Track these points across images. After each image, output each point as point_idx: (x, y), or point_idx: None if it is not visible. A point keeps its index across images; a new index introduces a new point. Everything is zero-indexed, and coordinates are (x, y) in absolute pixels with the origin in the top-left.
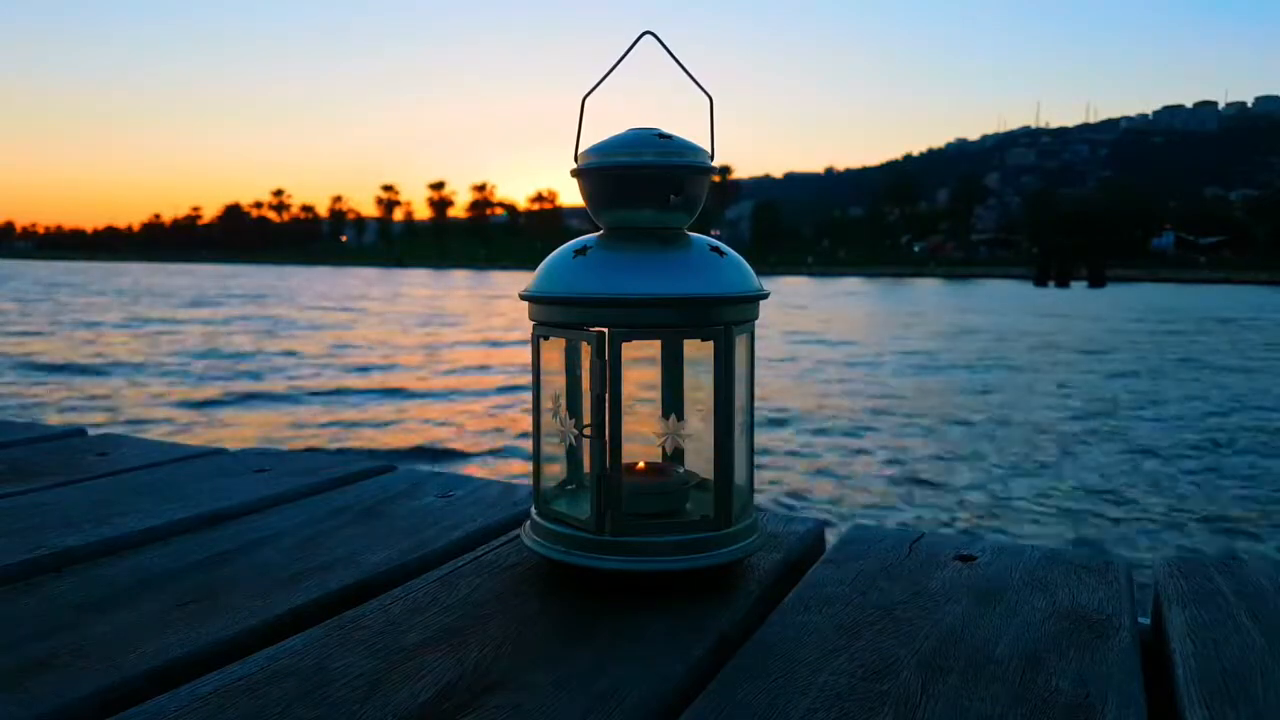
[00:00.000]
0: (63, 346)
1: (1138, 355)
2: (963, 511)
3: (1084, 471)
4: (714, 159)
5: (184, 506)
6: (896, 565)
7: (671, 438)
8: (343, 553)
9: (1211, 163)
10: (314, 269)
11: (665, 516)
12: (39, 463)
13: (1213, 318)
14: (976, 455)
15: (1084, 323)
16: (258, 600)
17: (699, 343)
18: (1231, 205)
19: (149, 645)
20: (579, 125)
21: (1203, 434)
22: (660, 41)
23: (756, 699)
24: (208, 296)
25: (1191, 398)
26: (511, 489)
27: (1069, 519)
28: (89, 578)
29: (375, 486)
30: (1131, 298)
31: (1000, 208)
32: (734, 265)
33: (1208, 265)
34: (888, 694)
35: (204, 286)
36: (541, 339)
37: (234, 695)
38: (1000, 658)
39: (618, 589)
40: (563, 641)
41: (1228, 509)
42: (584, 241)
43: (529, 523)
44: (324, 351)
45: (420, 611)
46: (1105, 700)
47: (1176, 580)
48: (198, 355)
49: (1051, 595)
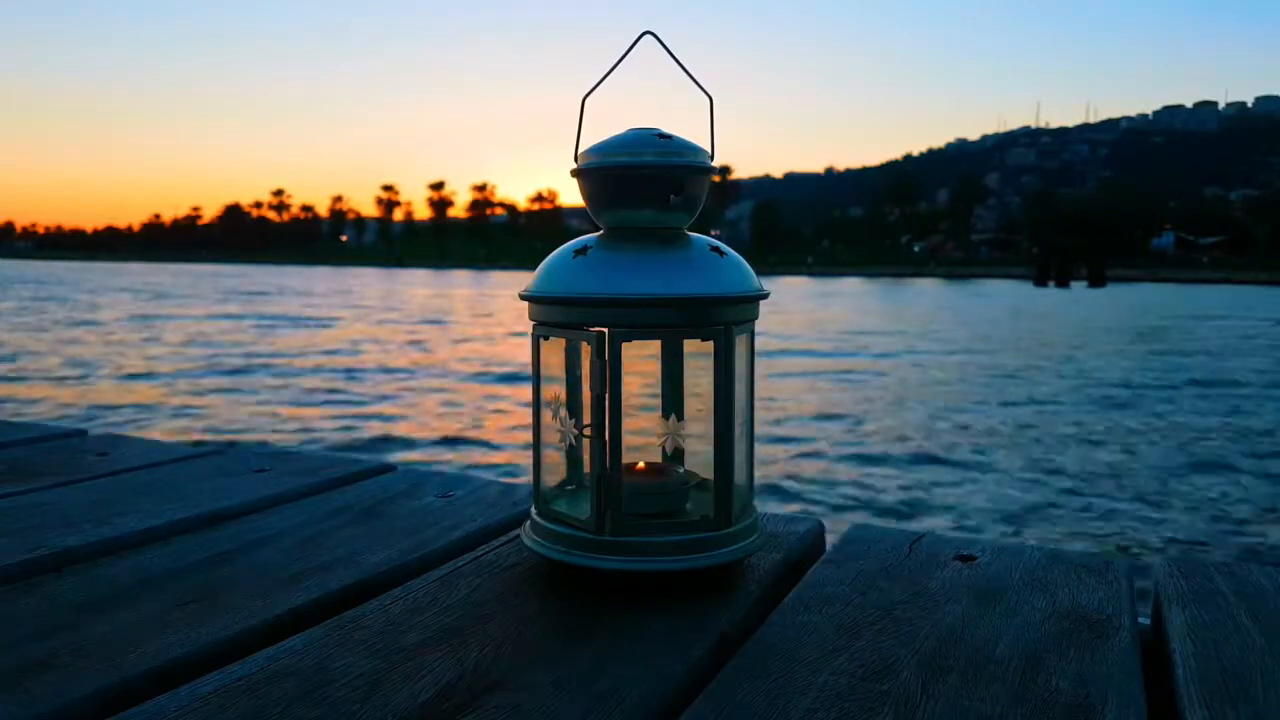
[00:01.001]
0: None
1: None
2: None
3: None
4: (714, 159)
5: (184, 506)
6: (896, 565)
7: (671, 438)
8: (343, 553)
9: (1211, 163)
10: (316, 269)
11: (665, 516)
12: (39, 463)
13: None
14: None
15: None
16: (258, 600)
17: (699, 342)
18: (1231, 205)
19: (149, 645)
20: (579, 125)
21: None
22: (660, 41)
23: (756, 699)
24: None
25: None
26: (511, 489)
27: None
28: (89, 578)
29: (375, 486)
30: (1131, 298)
31: (1000, 208)
32: (734, 265)
33: (1208, 265)
34: (888, 694)
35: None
36: (541, 339)
37: (234, 695)
38: (1000, 658)
39: (618, 589)
40: (563, 641)
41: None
42: (584, 241)
43: (529, 523)
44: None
45: (420, 611)
46: (1105, 700)
47: (1176, 580)
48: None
49: (1051, 595)
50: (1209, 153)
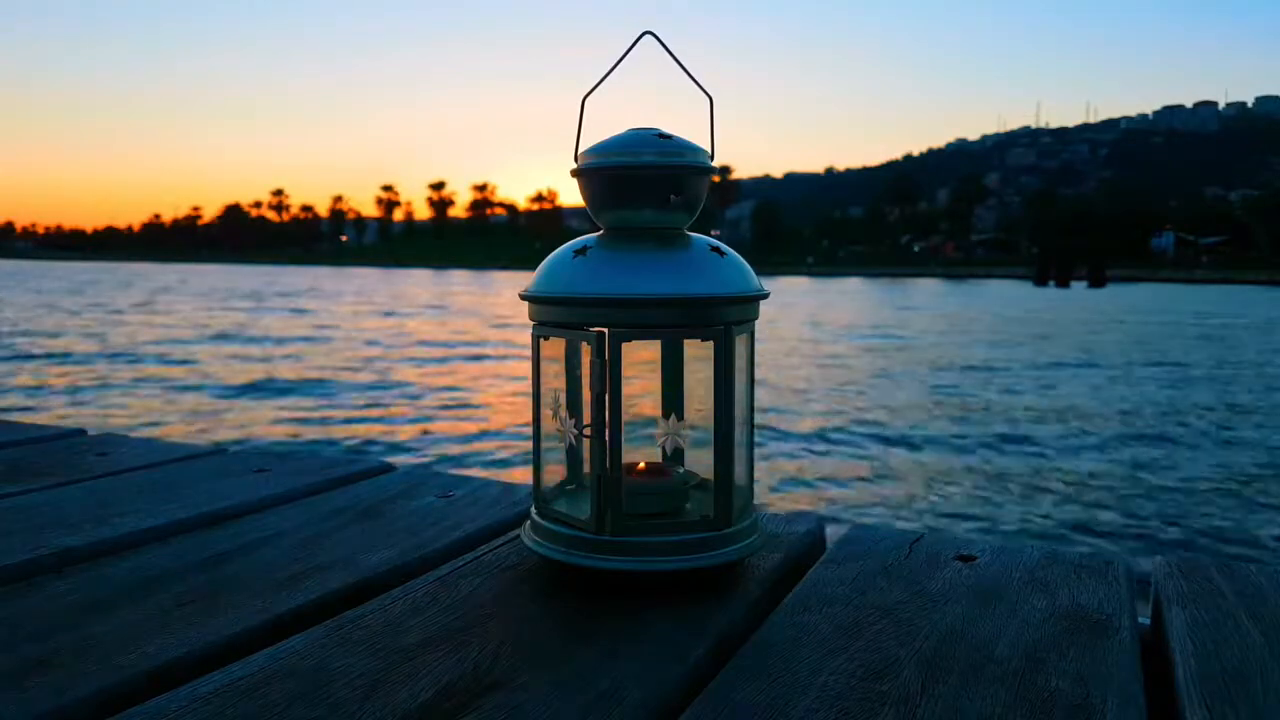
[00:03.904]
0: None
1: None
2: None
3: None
4: (714, 159)
5: (184, 506)
6: (896, 565)
7: (671, 438)
8: (342, 553)
9: (1211, 163)
10: (316, 269)
11: (665, 516)
12: (39, 463)
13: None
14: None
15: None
16: (258, 600)
17: (699, 343)
18: (1231, 205)
19: (149, 645)
20: (579, 125)
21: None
22: (660, 41)
23: (756, 699)
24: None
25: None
26: (511, 489)
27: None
28: (89, 578)
29: (375, 486)
30: (1131, 298)
31: (1000, 208)
32: (734, 265)
33: (1208, 265)
34: (888, 694)
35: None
36: (541, 339)
37: (234, 695)
38: (1000, 658)
39: (618, 589)
40: (563, 641)
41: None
42: (584, 241)
43: (529, 523)
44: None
45: (420, 611)
46: (1105, 700)
47: (1176, 580)
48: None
49: (1051, 595)
50: (1209, 153)
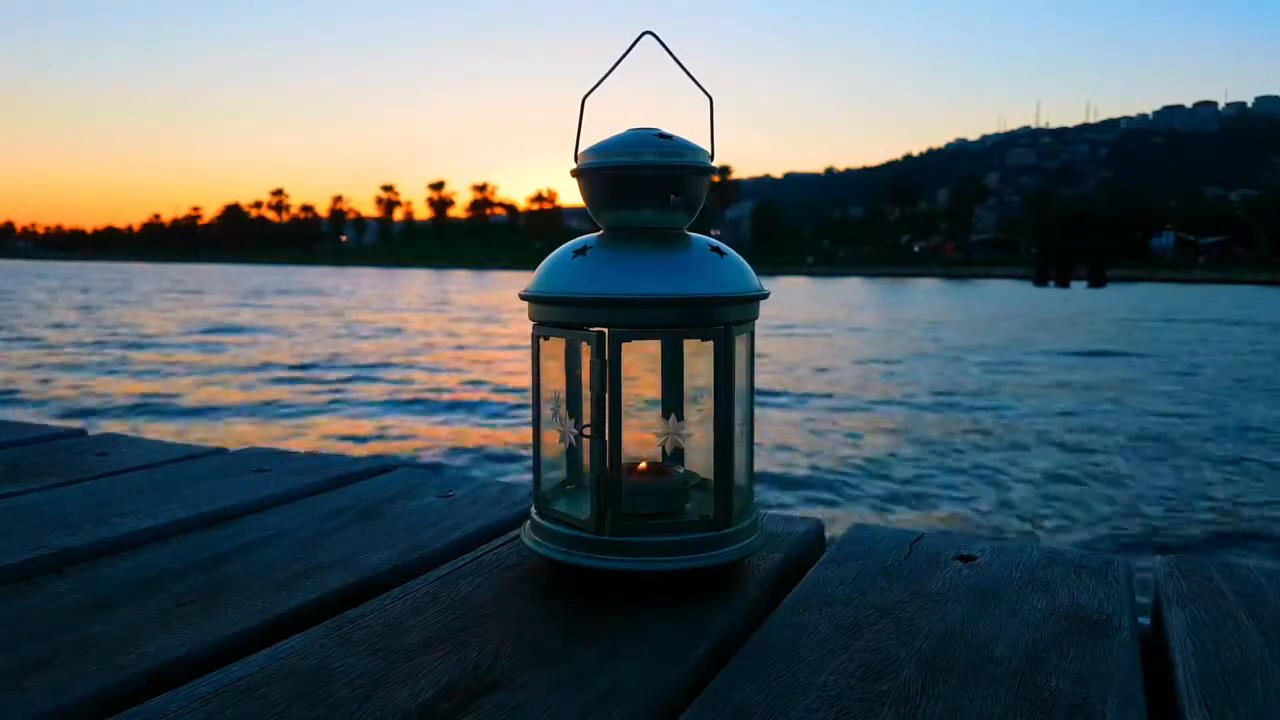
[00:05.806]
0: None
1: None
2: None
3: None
4: (714, 159)
5: (184, 506)
6: (896, 565)
7: (671, 438)
8: (342, 553)
9: (1211, 163)
10: (316, 269)
11: (665, 516)
12: (39, 463)
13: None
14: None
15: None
16: (258, 600)
17: (699, 343)
18: (1231, 205)
19: (149, 645)
20: (579, 125)
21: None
22: (660, 41)
23: (756, 699)
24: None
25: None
26: (511, 489)
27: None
28: (89, 578)
29: (375, 487)
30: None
31: (1000, 208)
32: (734, 265)
33: (1208, 265)
34: (888, 694)
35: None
36: (541, 339)
37: (234, 695)
38: (1000, 658)
39: (618, 589)
40: (563, 641)
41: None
42: (584, 241)
43: (529, 523)
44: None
45: (420, 611)
46: (1105, 700)
47: (1176, 580)
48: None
49: (1051, 595)
50: (1209, 153)
